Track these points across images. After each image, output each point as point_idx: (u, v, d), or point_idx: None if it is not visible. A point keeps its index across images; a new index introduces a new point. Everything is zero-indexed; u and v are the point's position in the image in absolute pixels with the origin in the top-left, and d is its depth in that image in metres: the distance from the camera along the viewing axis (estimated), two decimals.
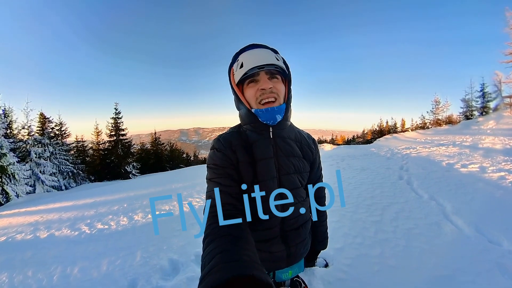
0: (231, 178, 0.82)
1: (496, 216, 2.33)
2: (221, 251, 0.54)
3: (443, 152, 5.84)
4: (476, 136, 7.46)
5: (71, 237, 3.30)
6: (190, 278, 1.91)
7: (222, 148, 0.85)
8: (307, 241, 1.02)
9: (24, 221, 4.52)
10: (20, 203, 8.26)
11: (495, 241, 1.95)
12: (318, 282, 1.64)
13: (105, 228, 3.49)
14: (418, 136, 11.87)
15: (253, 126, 0.86)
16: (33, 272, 2.34)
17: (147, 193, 5.98)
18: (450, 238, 2.10)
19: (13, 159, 10.23)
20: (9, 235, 3.65)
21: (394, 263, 1.82)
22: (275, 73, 0.83)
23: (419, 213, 2.66)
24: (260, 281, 0.44)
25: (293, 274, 1.02)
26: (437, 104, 17.82)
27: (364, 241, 2.18)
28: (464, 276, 1.60)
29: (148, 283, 1.94)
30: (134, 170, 16.96)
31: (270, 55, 0.82)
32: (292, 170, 0.90)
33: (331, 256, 1.95)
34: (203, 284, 0.46)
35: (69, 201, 6.15)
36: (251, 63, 0.80)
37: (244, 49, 0.86)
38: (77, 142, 17.58)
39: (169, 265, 2.20)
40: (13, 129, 13.39)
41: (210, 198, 0.78)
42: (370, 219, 2.63)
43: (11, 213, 5.70)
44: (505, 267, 1.62)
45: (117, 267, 2.26)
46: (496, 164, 4.01)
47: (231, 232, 0.62)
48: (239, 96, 0.86)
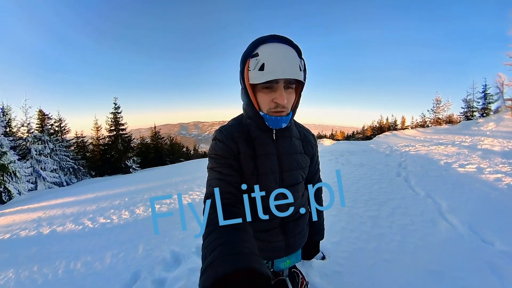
0: (232, 168, 0.83)
1: (491, 217, 2.33)
2: (221, 243, 0.54)
3: (442, 151, 5.84)
4: (476, 137, 7.43)
5: (74, 231, 3.35)
6: (191, 269, 1.95)
7: (224, 139, 0.86)
8: (305, 232, 1.04)
9: (27, 218, 4.56)
10: (22, 200, 8.31)
11: (488, 241, 1.95)
12: (315, 274, 1.69)
13: (107, 222, 3.55)
14: (418, 134, 11.86)
15: (258, 124, 0.86)
16: (38, 267, 2.38)
17: (148, 187, 6.02)
18: (444, 236, 2.12)
19: (14, 157, 10.24)
20: (13, 232, 3.70)
21: (389, 258, 1.85)
22: (292, 82, 0.78)
23: (415, 210, 2.68)
24: (260, 274, 0.45)
25: (291, 263, 1.04)
26: (438, 103, 17.76)
27: (360, 236, 2.21)
28: (456, 273, 1.62)
29: (150, 275, 1.98)
30: (134, 165, 16.99)
31: (295, 62, 0.73)
32: (295, 166, 0.91)
33: (328, 249, 1.99)
34: (205, 276, 0.47)
35: (71, 197, 6.19)
36: (275, 71, 0.71)
37: (268, 38, 0.75)
38: (77, 138, 17.54)
39: (171, 257, 2.24)
40: (13, 127, 13.36)
41: (211, 187, 0.79)
42: (367, 214, 2.66)
43: (14, 210, 5.73)
44: (496, 266, 1.64)
45: (121, 260, 2.31)
46: (494, 165, 4.00)
47: (231, 223, 0.62)
48: (249, 94, 0.80)
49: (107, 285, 1.95)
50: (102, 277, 2.08)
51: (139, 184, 6.74)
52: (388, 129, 23.35)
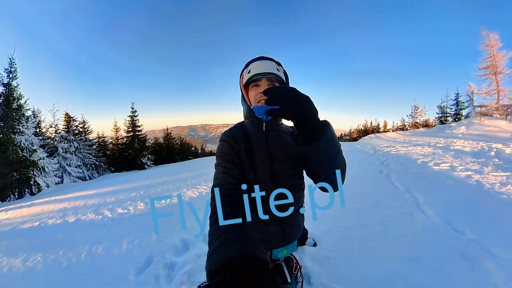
0: (234, 163, 0.86)
1: (462, 209, 2.34)
2: (226, 231, 0.55)
3: (419, 151, 5.84)
4: (449, 139, 7.43)
5: (95, 220, 3.34)
6: (198, 254, 1.96)
7: (227, 139, 0.91)
8: (300, 223, 1.03)
9: (54, 208, 4.55)
10: (50, 192, 8.28)
11: (459, 230, 1.96)
12: (308, 259, 1.70)
13: (124, 212, 3.53)
14: (398, 136, 11.85)
15: (251, 120, 0.93)
16: (64, 252, 2.38)
17: (161, 182, 6.01)
18: (421, 226, 2.13)
19: (43, 154, 10.25)
20: (42, 220, 3.69)
21: (373, 245, 1.86)
22: (274, 81, 0.89)
23: (396, 203, 2.68)
24: (259, 259, 0.46)
25: (288, 253, 1.03)
26: (416, 109, 17.81)
27: (348, 225, 2.21)
28: (431, 258, 1.63)
29: (162, 259, 1.98)
30: (149, 162, 16.95)
31: (272, 66, 0.89)
32: (283, 157, 0.91)
33: (319, 237, 1.99)
34: (211, 260, 0.47)
35: (93, 190, 6.16)
36: (256, 70, 0.88)
37: (255, 59, 0.94)
38: (98, 138, 17.50)
39: (181, 243, 2.24)
40: (42, 128, 13.37)
41: (217, 179, 0.83)
42: (354, 206, 2.66)
43: (42, 201, 5.72)
44: (466, 253, 1.65)
45: (136, 246, 2.31)
46: (465, 164, 4.01)
47: (234, 212, 0.63)
48: (244, 95, 0.93)
49: (124, 267, 1.95)
50: (120, 261, 2.08)
51: (153, 179, 6.73)
52: (372, 131, 23.34)
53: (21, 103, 9.92)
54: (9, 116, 9.20)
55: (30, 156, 9.43)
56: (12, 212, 4.81)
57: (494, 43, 11.86)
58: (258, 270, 0.42)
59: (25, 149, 9.31)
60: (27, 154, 9.36)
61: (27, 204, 5.56)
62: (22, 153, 9.19)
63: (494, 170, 3.49)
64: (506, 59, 11.72)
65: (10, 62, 9.90)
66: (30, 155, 9.43)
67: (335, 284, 1.45)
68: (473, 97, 12.91)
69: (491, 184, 2.92)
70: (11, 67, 9.89)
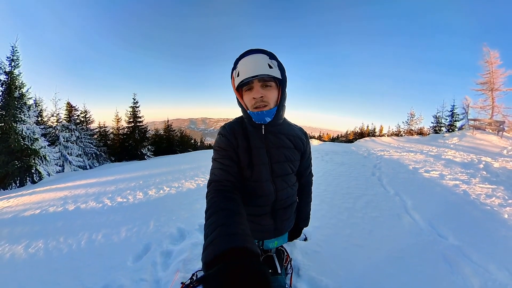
0: (232, 159, 0.84)
1: (447, 216, 2.37)
2: (220, 224, 0.56)
3: (412, 157, 5.89)
4: (441, 148, 7.47)
5: (95, 208, 3.35)
6: (194, 243, 1.99)
7: (226, 134, 0.87)
8: (292, 219, 1.05)
9: (55, 196, 4.54)
10: (51, 180, 8.23)
11: (443, 236, 2.00)
12: (298, 253, 1.74)
13: (124, 201, 3.55)
14: (393, 141, 11.92)
15: (250, 122, 0.89)
16: (64, 239, 2.40)
17: (160, 172, 6.01)
18: (407, 228, 2.16)
19: (44, 143, 10.13)
20: (43, 208, 3.69)
21: (360, 243, 1.90)
22: (267, 81, 0.80)
23: (385, 205, 2.72)
24: (251, 251, 0.48)
25: (278, 244, 1.06)
26: (412, 116, 17.91)
27: (337, 223, 2.25)
28: (415, 260, 1.68)
29: (159, 247, 2.01)
30: (149, 153, 16.86)
31: (263, 63, 0.78)
32: (283, 159, 0.92)
33: (310, 232, 2.03)
34: (206, 252, 0.49)
35: (93, 179, 6.14)
36: (245, 73, 0.78)
37: (242, 55, 0.81)
38: (99, 128, 17.35)
39: (177, 233, 2.27)
40: (44, 117, 13.19)
41: (214, 175, 0.81)
42: (344, 205, 2.70)
43: (44, 189, 5.69)
44: (448, 257, 1.69)
45: (134, 234, 2.34)
46: (454, 173, 4.04)
47: (229, 207, 0.64)
48: (238, 98, 0.87)
49: (122, 254, 1.97)
50: (119, 248, 2.10)
51: (152, 169, 6.71)
52: (367, 135, 23.41)
53: (23, 91, 9.76)
54: (11, 105, 9.07)
55: (32, 144, 9.32)
56: (14, 200, 4.79)
57: (494, 60, 11.91)
58: (249, 261, 0.44)
59: (26, 138, 9.20)
60: (29, 142, 9.25)
61: (29, 192, 5.54)
62: (24, 142, 9.08)
63: (481, 182, 3.52)
64: (504, 77, 11.82)
65: (12, 50, 9.70)
66: (31, 143, 9.32)
67: (323, 277, 1.49)
68: (468, 110, 13.00)
69: (477, 194, 2.96)
70: (13, 55, 9.69)
